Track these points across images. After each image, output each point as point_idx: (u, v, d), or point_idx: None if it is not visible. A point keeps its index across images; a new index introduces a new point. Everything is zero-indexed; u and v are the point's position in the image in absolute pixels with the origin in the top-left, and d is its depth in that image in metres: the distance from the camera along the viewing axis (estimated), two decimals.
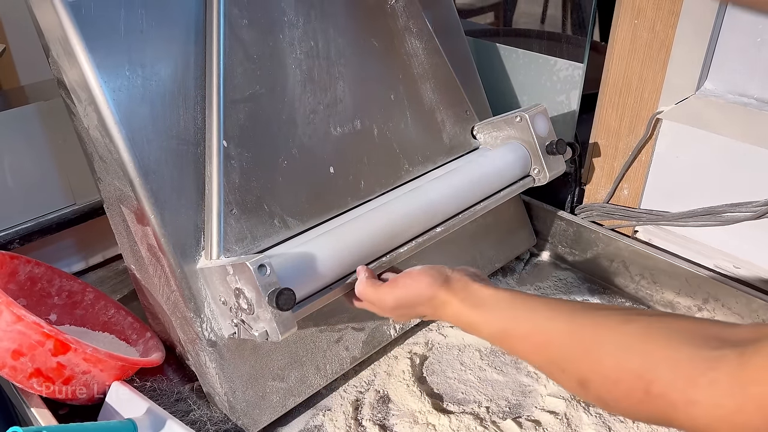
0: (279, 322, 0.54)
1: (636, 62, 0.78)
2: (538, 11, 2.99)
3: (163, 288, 0.64)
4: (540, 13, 2.99)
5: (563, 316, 0.44)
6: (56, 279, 0.74)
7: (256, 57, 0.64)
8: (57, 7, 0.56)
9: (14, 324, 0.58)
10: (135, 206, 0.60)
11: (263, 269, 0.54)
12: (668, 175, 0.82)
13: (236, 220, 0.62)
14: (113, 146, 0.59)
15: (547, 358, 0.44)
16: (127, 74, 0.59)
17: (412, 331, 0.79)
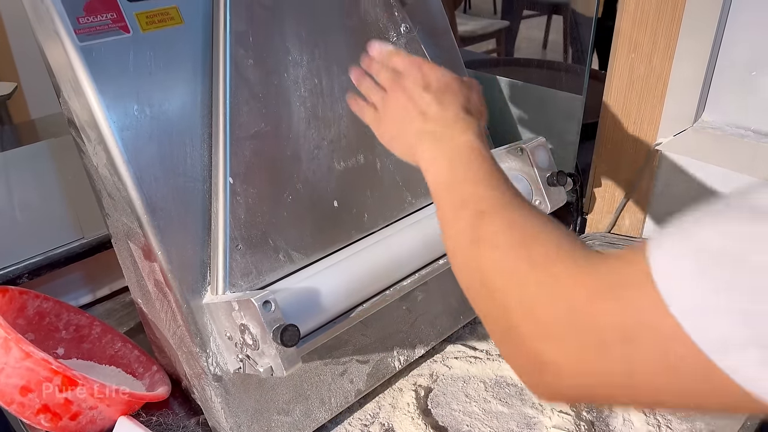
0: (284, 358, 0.54)
1: (634, 95, 0.80)
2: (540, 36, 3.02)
3: (170, 322, 0.65)
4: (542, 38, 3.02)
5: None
6: (64, 313, 0.75)
7: (262, 96, 0.66)
8: (68, 50, 0.58)
9: (23, 360, 0.59)
10: (142, 242, 0.62)
11: (268, 305, 0.55)
12: (669, 205, 0.83)
13: (242, 256, 0.63)
14: (121, 184, 0.60)
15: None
16: (136, 114, 0.60)
17: (417, 362, 0.79)
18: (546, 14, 2.92)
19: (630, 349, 0.32)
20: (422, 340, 0.79)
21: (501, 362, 0.80)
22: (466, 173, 0.49)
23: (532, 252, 0.40)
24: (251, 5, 0.66)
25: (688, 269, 0.30)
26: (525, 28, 2.85)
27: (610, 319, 0.33)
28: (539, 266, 0.39)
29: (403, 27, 0.79)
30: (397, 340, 0.76)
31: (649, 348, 0.31)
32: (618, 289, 0.33)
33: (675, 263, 0.31)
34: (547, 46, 2.82)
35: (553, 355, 0.36)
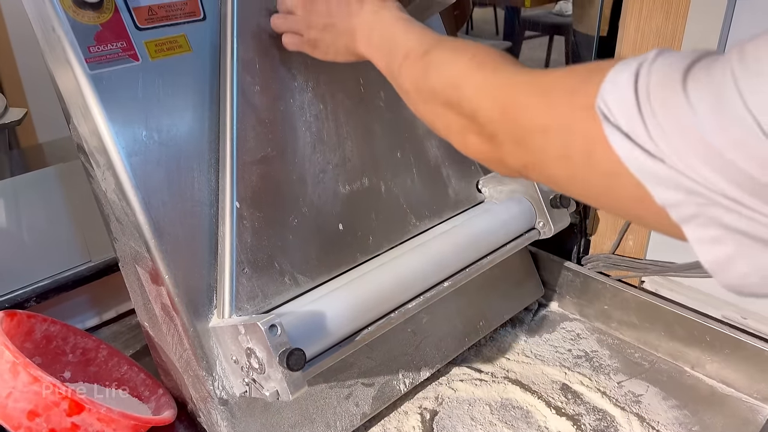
0: (289, 382, 0.55)
1: None
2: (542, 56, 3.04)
3: (176, 346, 0.65)
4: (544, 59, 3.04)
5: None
6: (71, 336, 0.75)
7: (268, 121, 0.67)
8: (79, 77, 0.59)
9: (30, 385, 0.59)
10: (150, 266, 0.62)
11: (274, 329, 0.55)
12: None
13: (248, 279, 0.64)
14: (130, 209, 0.61)
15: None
16: (144, 140, 0.61)
17: (422, 385, 0.79)
18: (548, 34, 2.94)
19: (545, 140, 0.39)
20: (427, 362, 0.79)
21: (507, 385, 0.79)
22: (401, 36, 0.55)
23: (478, 59, 0.47)
24: (258, 34, 0.67)
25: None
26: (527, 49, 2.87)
27: (536, 113, 0.40)
28: (487, 68, 0.46)
29: None
30: (402, 363, 0.76)
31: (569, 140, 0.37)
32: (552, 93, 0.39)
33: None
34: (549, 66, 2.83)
35: (497, 149, 0.44)
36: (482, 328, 0.86)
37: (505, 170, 0.46)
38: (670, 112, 0.31)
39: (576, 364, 0.83)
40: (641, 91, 0.32)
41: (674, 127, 0.31)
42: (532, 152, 0.40)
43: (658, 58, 0.33)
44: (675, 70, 0.32)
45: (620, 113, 0.33)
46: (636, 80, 0.33)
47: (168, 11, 0.64)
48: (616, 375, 0.81)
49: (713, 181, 0.30)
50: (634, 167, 0.33)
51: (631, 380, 0.80)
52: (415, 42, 0.54)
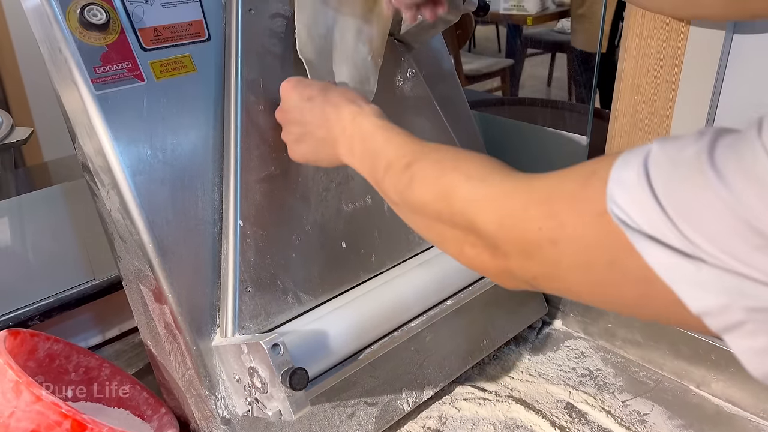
0: (292, 402, 0.55)
1: (637, 136, 0.81)
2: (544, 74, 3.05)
3: (179, 365, 0.65)
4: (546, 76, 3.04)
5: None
6: (74, 355, 0.75)
7: (272, 140, 0.67)
8: (84, 97, 0.60)
9: (33, 404, 0.59)
10: (153, 285, 0.62)
11: (277, 348, 0.55)
12: None
13: (251, 298, 0.64)
14: (134, 228, 0.61)
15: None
16: (149, 159, 0.62)
17: (426, 404, 0.79)
18: (549, 52, 2.95)
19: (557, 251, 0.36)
20: (431, 381, 0.78)
21: (511, 404, 0.79)
22: (381, 146, 0.54)
23: (463, 170, 0.44)
24: (262, 54, 0.68)
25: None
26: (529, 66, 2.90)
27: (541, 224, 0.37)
28: (474, 179, 0.43)
29: (409, 71, 0.81)
30: (406, 382, 0.76)
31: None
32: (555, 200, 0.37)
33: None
34: (551, 84, 2.86)
35: (502, 261, 0.41)
36: (486, 346, 0.86)
37: (512, 282, 0.42)
38: (700, 196, 0.28)
39: (580, 383, 0.83)
40: (657, 185, 0.30)
41: (710, 212, 0.27)
42: (543, 264, 0.37)
43: (666, 145, 0.31)
44: (695, 154, 0.29)
45: (639, 215, 0.30)
46: (647, 175, 0.30)
47: (173, 32, 0.64)
48: (621, 394, 0.81)
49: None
50: (667, 274, 0.29)
51: (636, 399, 0.80)
52: (396, 153, 0.51)
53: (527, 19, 2.40)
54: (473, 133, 0.90)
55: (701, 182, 0.28)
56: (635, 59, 0.77)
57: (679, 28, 0.72)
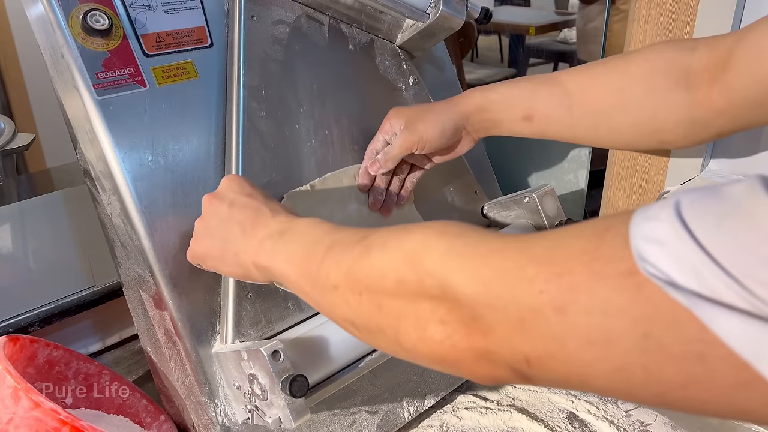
0: (292, 409, 0.54)
1: None
2: None
3: (179, 372, 0.65)
4: None
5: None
6: (73, 362, 0.75)
7: (273, 146, 0.67)
8: (86, 103, 0.60)
9: (32, 410, 0.58)
10: (153, 291, 0.62)
11: (277, 355, 0.54)
12: None
13: (251, 304, 0.63)
14: (134, 233, 0.61)
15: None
16: (150, 165, 0.62)
17: (427, 413, 0.78)
18: (552, 62, 2.97)
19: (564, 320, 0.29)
20: (432, 390, 0.78)
21: (513, 413, 0.78)
22: (324, 233, 0.46)
23: (437, 228, 0.37)
24: (265, 60, 0.68)
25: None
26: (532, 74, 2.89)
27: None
28: (451, 234, 0.35)
29: (412, 79, 0.81)
30: (407, 390, 0.75)
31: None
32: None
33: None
34: None
35: (481, 338, 0.32)
36: None
37: (492, 370, 0.33)
38: (761, 242, 0.23)
39: (583, 393, 0.82)
40: (702, 235, 0.25)
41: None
42: (542, 340, 0.30)
43: (698, 192, 0.27)
44: (745, 191, 0.25)
45: (684, 274, 0.25)
46: (685, 225, 0.25)
47: (176, 38, 0.65)
48: (624, 404, 0.80)
49: None
50: (742, 345, 0.24)
51: (639, 409, 0.79)
52: (343, 235, 0.44)
53: (530, 29, 2.41)
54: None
55: (761, 223, 0.23)
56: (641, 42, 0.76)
57: (687, 5, 0.70)
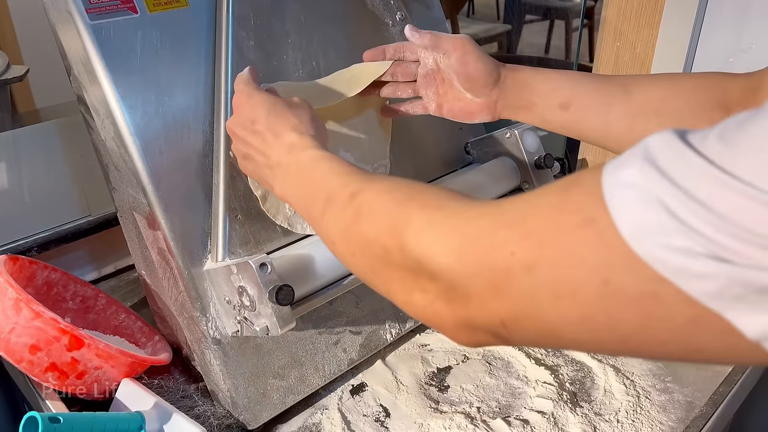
0: (279, 317, 0.58)
1: None
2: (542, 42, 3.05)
3: (172, 290, 0.68)
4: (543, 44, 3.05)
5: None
6: (71, 284, 0.78)
7: (261, 75, 0.69)
8: (80, 28, 0.62)
9: (33, 320, 0.62)
10: (147, 212, 0.65)
11: (264, 267, 0.58)
12: None
13: (240, 225, 0.66)
14: (128, 156, 0.63)
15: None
16: (143, 90, 0.64)
17: (408, 336, 0.82)
18: (548, 19, 2.94)
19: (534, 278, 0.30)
20: None
21: None
22: (320, 178, 0.49)
23: (416, 198, 0.39)
24: None
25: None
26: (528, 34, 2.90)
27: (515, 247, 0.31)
28: (430, 207, 0.37)
29: (399, 15, 0.82)
30: (389, 314, 0.79)
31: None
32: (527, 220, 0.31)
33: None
34: (549, 51, 2.86)
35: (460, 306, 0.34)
36: None
37: (473, 336, 0.35)
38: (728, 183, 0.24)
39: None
40: (675, 173, 0.25)
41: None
42: (515, 300, 0.31)
43: (664, 134, 0.27)
44: (706, 134, 0.26)
45: (654, 216, 0.25)
46: (657, 168, 0.26)
47: None
48: None
49: None
50: (698, 288, 0.25)
51: None
52: (338, 183, 0.46)
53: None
54: None
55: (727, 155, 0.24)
56: (618, 5, 0.79)
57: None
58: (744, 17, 0.70)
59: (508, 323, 0.32)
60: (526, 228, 0.31)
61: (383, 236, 0.39)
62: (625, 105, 0.58)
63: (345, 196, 0.45)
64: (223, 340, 0.66)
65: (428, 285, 0.36)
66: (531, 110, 0.63)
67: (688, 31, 0.73)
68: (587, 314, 0.29)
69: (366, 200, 0.43)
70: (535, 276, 0.30)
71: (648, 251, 0.26)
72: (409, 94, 0.71)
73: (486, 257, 0.32)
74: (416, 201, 0.39)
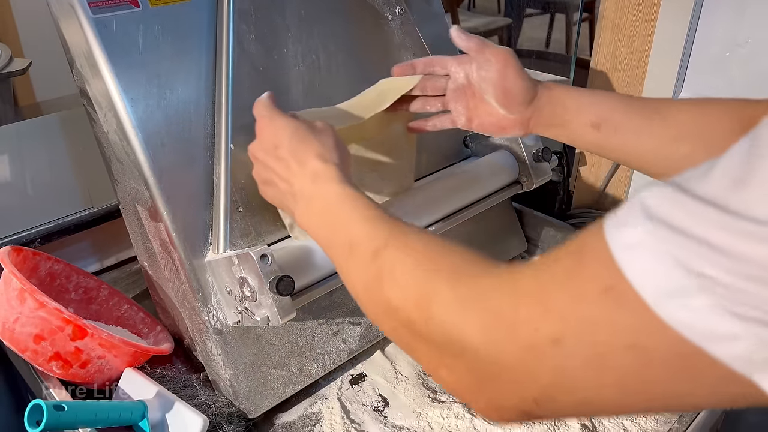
0: (279, 307, 0.59)
1: (616, 76, 0.84)
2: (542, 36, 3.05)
3: (174, 281, 0.69)
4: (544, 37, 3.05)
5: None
6: (74, 276, 0.79)
7: (262, 69, 0.70)
8: (82, 22, 0.63)
9: (37, 310, 0.63)
10: (149, 204, 0.66)
11: (265, 258, 0.59)
12: (649, 182, 0.87)
13: (241, 218, 0.67)
14: (130, 148, 0.64)
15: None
16: (144, 83, 0.65)
17: None
18: (549, 13, 2.94)
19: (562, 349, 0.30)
20: None
21: None
22: (344, 219, 0.48)
23: (441, 267, 0.38)
24: None
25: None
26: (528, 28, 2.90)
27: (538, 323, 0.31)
28: (454, 279, 0.37)
29: (398, 9, 0.83)
30: None
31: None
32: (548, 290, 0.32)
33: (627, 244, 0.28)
34: (549, 45, 2.86)
35: (486, 385, 0.34)
36: None
37: (506, 414, 0.34)
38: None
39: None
40: (679, 223, 0.26)
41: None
42: (547, 375, 0.31)
43: (659, 189, 0.27)
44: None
45: (678, 277, 0.26)
46: (665, 223, 0.26)
47: None
48: None
49: None
50: (714, 348, 0.25)
51: None
52: (362, 232, 0.46)
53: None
54: None
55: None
56: (616, 0, 0.80)
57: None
58: (740, 12, 0.71)
59: (540, 401, 0.32)
60: (546, 301, 0.31)
61: (409, 306, 0.39)
62: (656, 127, 0.57)
63: (368, 250, 0.44)
64: (225, 330, 0.67)
65: (455, 362, 0.35)
66: (564, 128, 0.62)
67: (685, 25, 0.74)
68: (619, 379, 0.29)
69: (390, 261, 0.42)
70: (563, 349, 0.30)
71: (672, 315, 0.26)
72: (438, 108, 0.69)
73: (511, 335, 0.32)
74: (442, 272, 0.38)
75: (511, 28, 2.62)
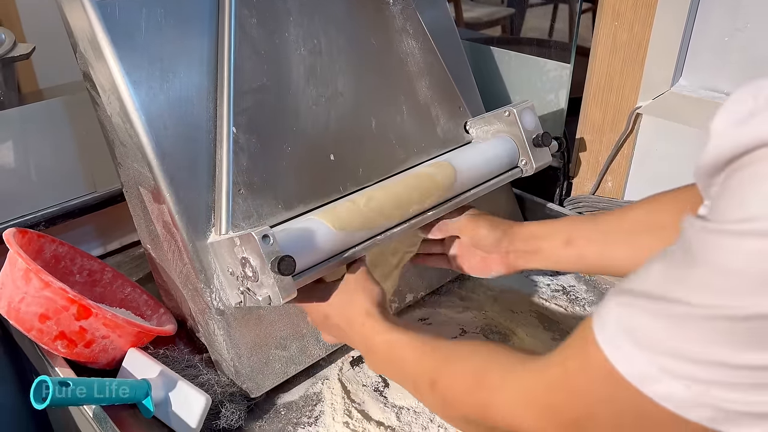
0: (281, 287, 0.59)
1: (617, 61, 0.84)
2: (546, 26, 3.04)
3: (176, 262, 0.70)
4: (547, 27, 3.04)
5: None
6: (78, 258, 0.80)
7: (264, 53, 0.71)
8: (86, 5, 0.63)
9: (42, 290, 0.64)
10: (152, 186, 0.67)
11: (267, 239, 0.60)
12: (649, 167, 0.87)
13: (243, 200, 0.68)
14: (133, 131, 0.65)
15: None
16: (147, 66, 0.65)
17: (407, 310, 0.84)
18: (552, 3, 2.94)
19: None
20: (412, 289, 0.84)
21: (486, 312, 0.85)
22: (400, 364, 0.57)
23: (488, 380, 0.47)
24: None
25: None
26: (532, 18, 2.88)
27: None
28: (502, 382, 0.46)
29: None
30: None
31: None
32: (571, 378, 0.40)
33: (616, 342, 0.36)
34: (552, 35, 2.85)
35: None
36: None
37: None
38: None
39: (553, 297, 0.88)
40: (638, 336, 0.34)
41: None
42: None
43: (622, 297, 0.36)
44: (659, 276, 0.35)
45: (633, 367, 0.35)
46: (627, 331, 0.35)
47: None
48: (591, 306, 0.86)
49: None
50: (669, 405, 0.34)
51: None
52: (416, 370, 0.55)
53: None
54: (462, 60, 0.92)
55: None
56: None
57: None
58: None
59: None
60: (572, 390, 0.40)
61: (475, 412, 0.48)
62: (620, 225, 0.64)
63: (426, 384, 0.53)
64: (227, 310, 0.68)
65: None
66: (539, 253, 0.70)
67: (685, 10, 0.74)
68: None
69: (446, 388, 0.51)
70: (595, 423, 0.39)
71: (653, 393, 0.34)
72: (438, 250, 0.80)
73: (558, 419, 0.41)
74: (487, 382, 0.47)
75: (514, 17, 2.61)
